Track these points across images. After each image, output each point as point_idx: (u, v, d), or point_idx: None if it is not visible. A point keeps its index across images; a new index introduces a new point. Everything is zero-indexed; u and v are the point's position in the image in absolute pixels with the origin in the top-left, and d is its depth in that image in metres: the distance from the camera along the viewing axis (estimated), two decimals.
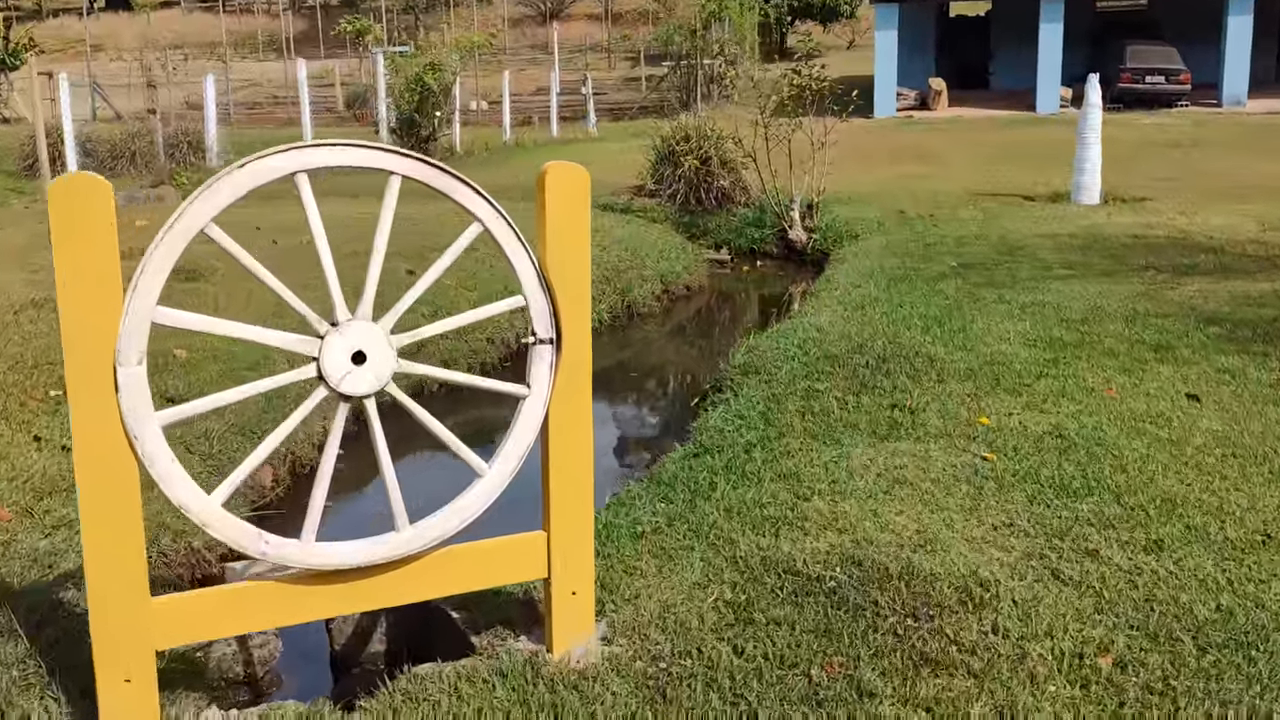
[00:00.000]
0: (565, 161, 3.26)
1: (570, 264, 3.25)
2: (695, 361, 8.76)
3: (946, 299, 8.08)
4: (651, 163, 14.96)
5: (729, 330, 9.75)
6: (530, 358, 3.21)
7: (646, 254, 11.14)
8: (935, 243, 10.91)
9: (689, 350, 9.23)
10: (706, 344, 9.34)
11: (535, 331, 3.20)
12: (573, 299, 3.25)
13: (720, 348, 9.02)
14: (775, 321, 8.92)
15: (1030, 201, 13.87)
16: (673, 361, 8.95)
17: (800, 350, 6.64)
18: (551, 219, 3.22)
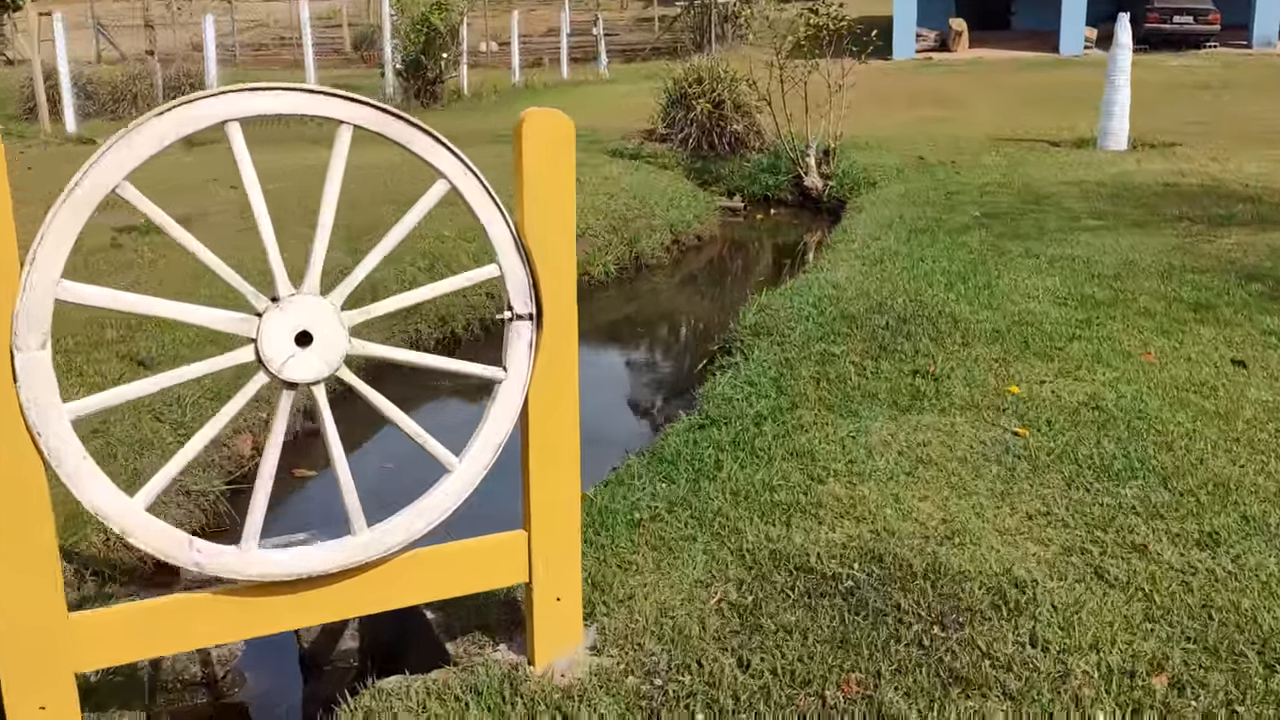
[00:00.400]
0: (546, 108, 2.81)
1: (553, 228, 2.82)
2: (704, 318, 8.32)
3: (970, 252, 7.60)
4: (663, 106, 14.42)
5: (740, 283, 9.30)
6: (507, 336, 2.79)
7: (656, 202, 10.66)
8: (957, 191, 10.40)
9: (698, 305, 8.79)
10: (716, 298, 8.89)
11: (512, 306, 2.77)
12: (555, 269, 2.82)
13: (731, 302, 8.57)
14: (789, 275, 8.47)
15: (1055, 147, 13.30)
16: (680, 317, 8.51)
17: (815, 309, 6.19)
18: (530, 176, 2.78)
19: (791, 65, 12.56)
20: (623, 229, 9.80)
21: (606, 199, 10.10)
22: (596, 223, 9.55)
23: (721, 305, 8.52)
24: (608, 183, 10.80)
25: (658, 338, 7.58)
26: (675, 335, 7.77)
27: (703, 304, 8.84)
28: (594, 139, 14.50)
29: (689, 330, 8.01)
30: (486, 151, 12.58)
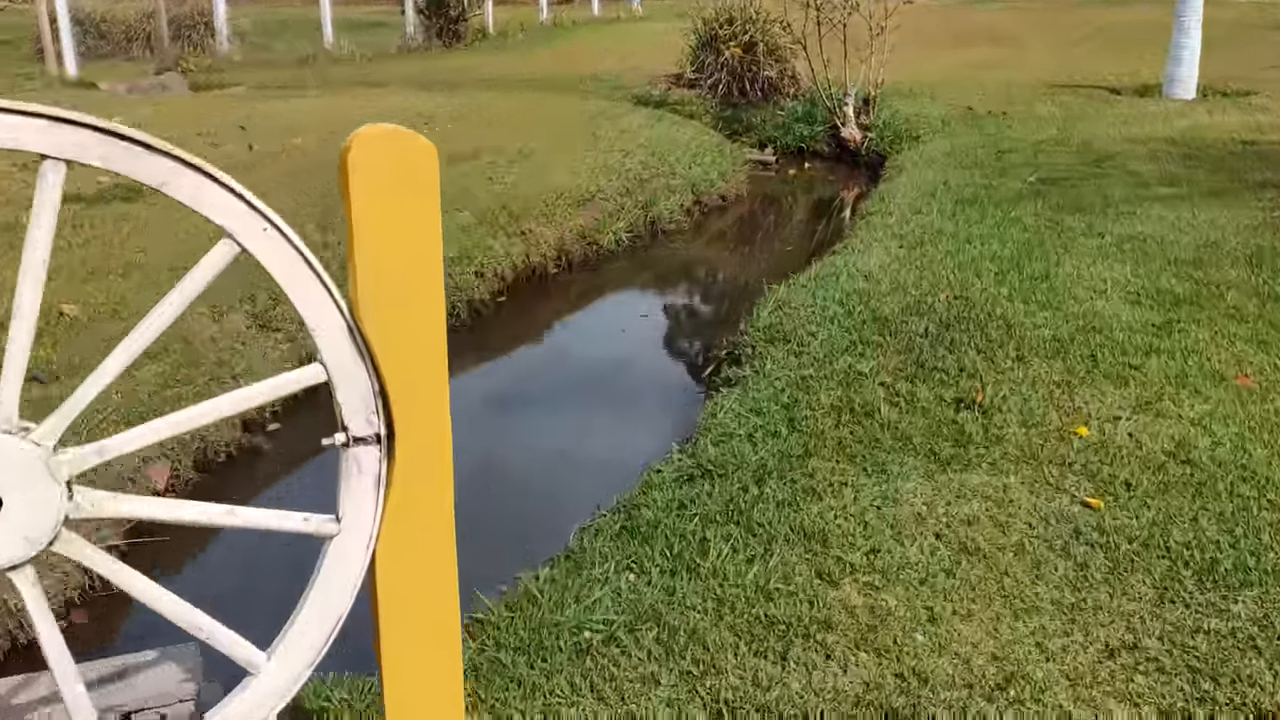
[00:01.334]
0: (390, 127, 1.81)
1: (410, 304, 1.83)
2: (719, 299, 7.29)
3: (1025, 230, 6.50)
4: (691, 49, 13.23)
5: (764, 254, 8.24)
6: (341, 468, 1.81)
7: (677, 158, 9.58)
8: (1009, 149, 9.22)
9: (714, 282, 7.75)
10: (735, 274, 7.86)
11: (347, 425, 1.79)
12: (415, 365, 1.83)
13: (751, 280, 7.54)
14: (817, 251, 7.42)
15: (1116, 96, 11.99)
16: (692, 299, 7.47)
17: (841, 309, 5.16)
18: (366, 228, 1.78)
19: (830, 5, 11.32)
20: (638, 190, 8.74)
21: (621, 156, 9.04)
22: (609, 184, 8.51)
23: (740, 283, 7.48)
24: (625, 137, 9.72)
25: (662, 326, 6.59)
26: (682, 324, 6.76)
27: (720, 281, 7.81)
28: (618, 84, 13.37)
29: (699, 319, 6.98)
30: (510, 102, 11.64)
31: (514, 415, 5.18)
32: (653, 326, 6.57)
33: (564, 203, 7.92)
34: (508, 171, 8.09)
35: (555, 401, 5.37)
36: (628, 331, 6.41)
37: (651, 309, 6.90)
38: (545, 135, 9.32)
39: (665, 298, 7.21)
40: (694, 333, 6.58)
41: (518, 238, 7.30)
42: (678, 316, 6.85)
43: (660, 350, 6.09)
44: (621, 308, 6.96)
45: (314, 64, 15.26)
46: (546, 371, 5.91)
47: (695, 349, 6.12)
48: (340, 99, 11.43)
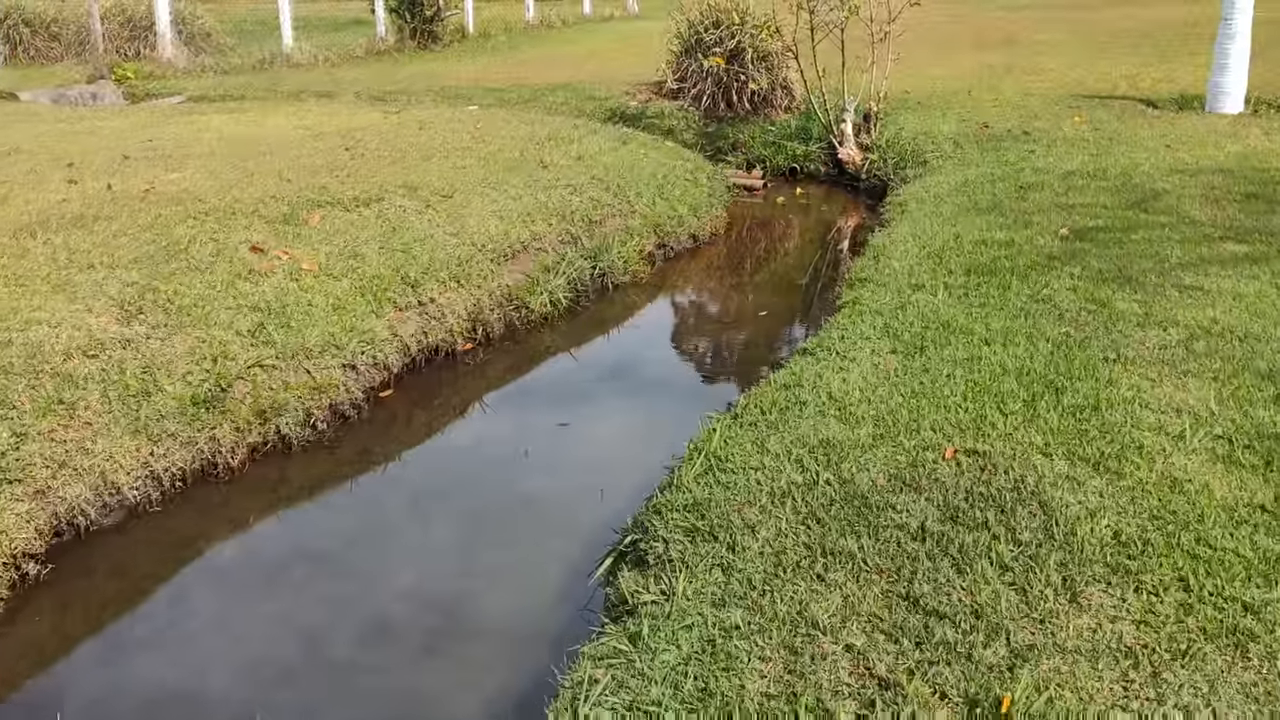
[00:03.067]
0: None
1: None
2: (652, 400, 5.45)
3: (1060, 319, 4.71)
4: (674, 54, 11.42)
5: (726, 322, 6.45)
6: None
7: (640, 191, 7.80)
8: (1033, 184, 7.39)
9: (653, 371, 5.90)
10: (686, 352, 6.08)
11: None
12: None
13: (702, 367, 5.77)
14: (791, 329, 5.68)
15: (1153, 109, 10.12)
16: (619, 403, 5.53)
17: (800, 477, 3.39)
18: None
19: (825, 6, 9.49)
20: (586, 235, 6.99)
21: (568, 193, 7.27)
22: (547, 230, 6.75)
23: (690, 372, 5.72)
24: (578, 165, 7.94)
25: (574, 449, 4.82)
26: (599, 446, 4.93)
27: (664, 364, 6.01)
28: (592, 94, 11.58)
29: (624, 436, 5.13)
30: (455, 120, 9.60)
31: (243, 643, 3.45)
32: (563, 448, 4.82)
33: (486, 257, 6.18)
34: (418, 219, 6.34)
35: (348, 613, 3.64)
36: (531, 457, 4.65)
37: (573, 410, 5.15)
38: (480, 166, 7.56)
39: (593, 391, 5.45)
40: (611, 465, 4.81)
41: (414, 310, 5.57)
42: (596, 432, 5.08)
43: (555, 501, 4.33)
44: (532, 409, 5.21)
45: (269, 69, 13.53)
46: (378, 538, 4.18)
47: (599, 514, 4.33)
48: (269, 115, 9.70)
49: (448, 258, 5.97)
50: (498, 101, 11.27)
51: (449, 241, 6.16)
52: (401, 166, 7.41)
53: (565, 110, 11.00)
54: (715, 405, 4.65)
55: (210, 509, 4.23)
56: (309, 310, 5.13)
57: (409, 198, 6.60)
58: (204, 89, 11.91)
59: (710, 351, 6.01)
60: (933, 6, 10.11)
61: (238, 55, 14.10)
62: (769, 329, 6.15)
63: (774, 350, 5.78)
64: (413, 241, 6.01)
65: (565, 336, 6.14)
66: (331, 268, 5.52)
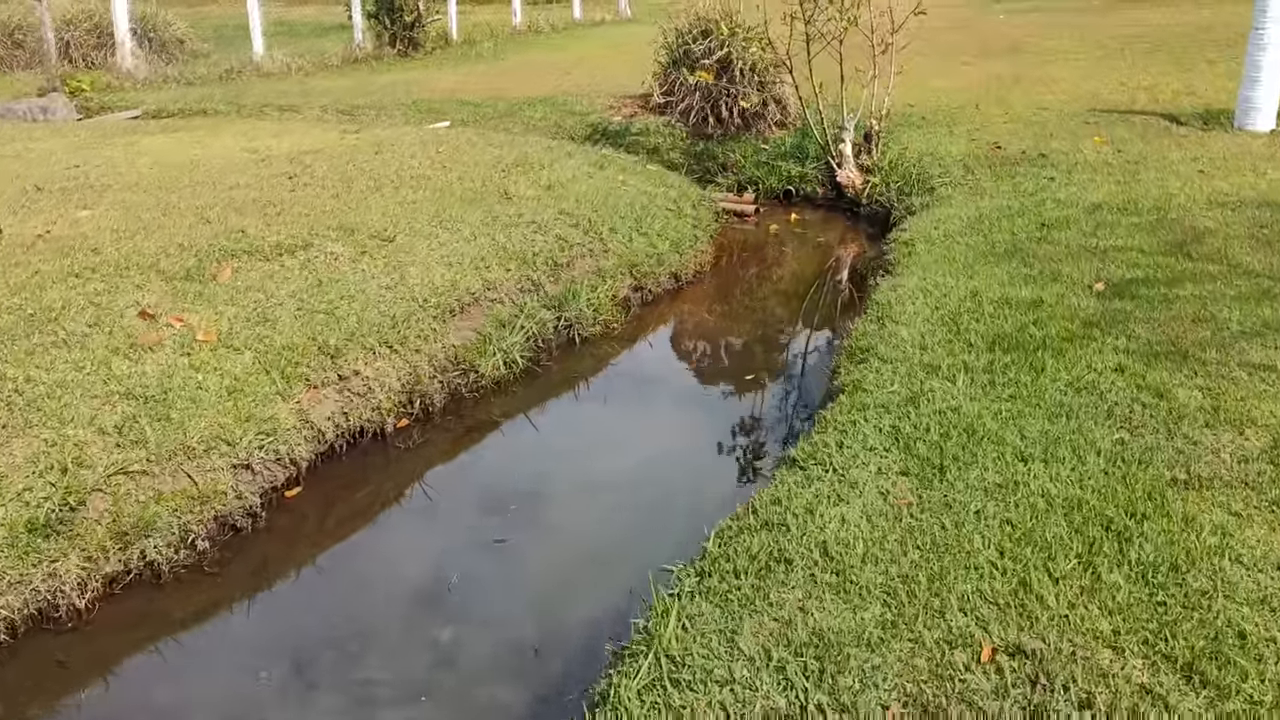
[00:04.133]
0: None
1: None
2: (601, 533, 4.45)
3: (1109, 416, 3.71)
4: (661, 66, 10.40)
5: (707, 395, 5.43)
6: None
7: (615, 226, 6.81)
8: (1056, 220, 6.38)
9: (612, 475, 4.86)
10: (651, 448, 5.07)
11: None
12: None
13: (676, 459, 4.76)
14: (777, 390, 4.71)
15: (1178, 126, 9.08)
16: (558, 530, 4.51)
17: (778, 697, 2.40)
18: None
19: (822, 16, 8.47)
20: (550, 280, 6.00)
21: (531, 231, 6.27)
22: (504, 277, 5.76)
23: (664, 453, 4.72)
24: (546, 196, 6.94)
25: (510, 576, 3.85)
26: (539, 580, 3.96)
27: (633, 448, 5.02)
28: (573, 109, 10.56)
29: (572, 569, 4.15)
30: (413, 143, 8.37)
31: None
32: (496, 577, 3.83)
33: (428, 314, 5.19)
34: (350, 269, 5.35)
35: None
36: (454, 591, 3.66)
37: (518, 515, 4.15)
38: (433, 199, 6.56)
39: (543, 486, 4.45)
40: (553, 606, 3.82)
41: (332, 387, 4.58)
42: (541, 552, 4.09)
43: (474, 669, 3.33)
44: (467, 512, 4.22)
45: (236, 79, 12.52)
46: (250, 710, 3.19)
47: (527, 691, 3.33)
48: (219, 134, 8.70)
49: (380, 317, 4.98)
50: (472, 116, 10.26)
51: (384, 297, 5.16)
52: (344, 200, 6.42)
53: (543, 127, 9.99)
54: (687, 516, 3.67)
55: (39, 671, 3.25)
56: (197, 395, 4.14)
57: (343, 242, 5.60)
58: (163, 102, 10.90)
59: (686, 429, 5.01)
60: (933, 12, 9.09)
61: (205, 65, 13.07)
62: (756, 401, 5.15)
63: (761, 431, 4.78)
64: (339, 299, 5.01)
65: (520, 405, 5.15)
66: (233, 337, 4.52)
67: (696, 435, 4.80)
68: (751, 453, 4.53)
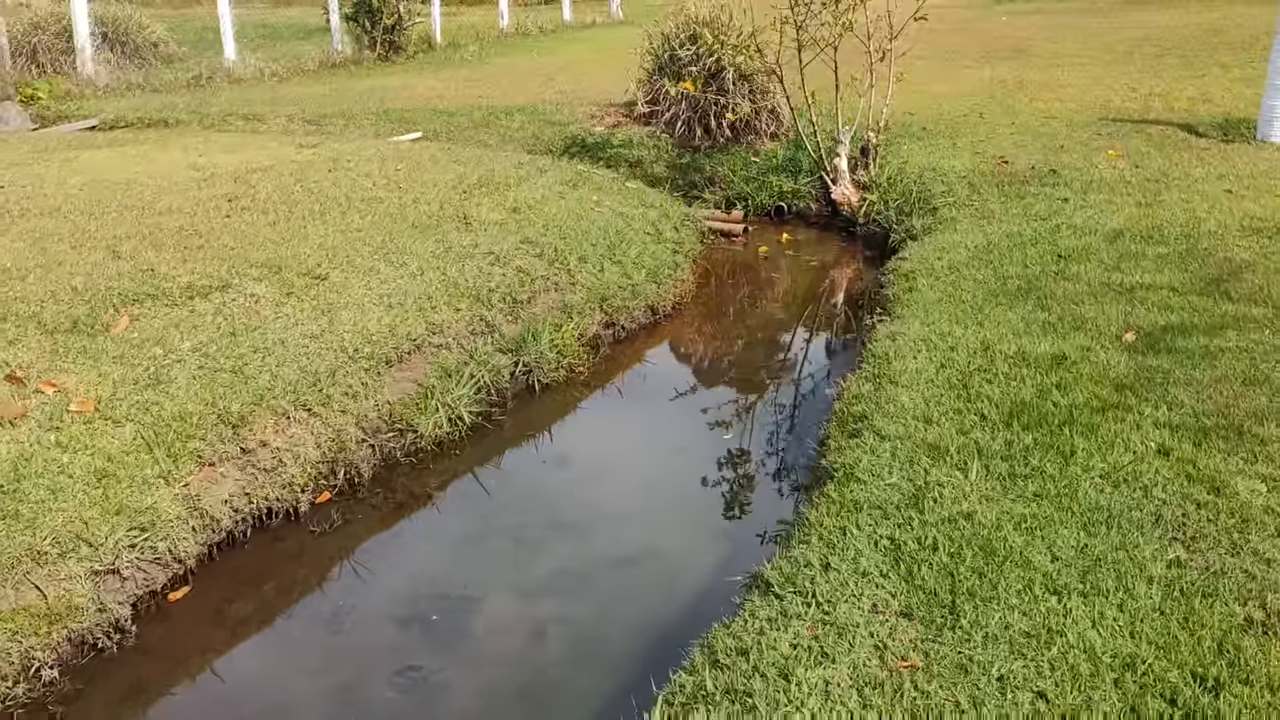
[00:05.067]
0: None
1: None
2: (539, 664, 3.70)
3: (1156, 522, 2.94)
4: (647, 73, 9.63)
5: (678, 457, 4.65)
6: None
7: (586, 252, 6.05)
8: (1073, 250, 5.61)
9: (559, 570, 4.10)
10: (608, 529, 4.31)
11: None
12: None
13: (634, 548, 3.98)
14: (765, 473, 3.96)
15: (1198, 137, 8.30)
16: (486, 660, 3.75)
17: None
18: None
19: (814, 20, 7.70)
20: (507, 320, 5.24)
21: (488, 264, 5.51)
22: (452, 318, 4.99)
23: (622, 538, 3.95)
24: (511, 221, 6.18)
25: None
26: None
27: (587, 530, 4.26)
28: (553, 118, 9.78)
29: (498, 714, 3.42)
30: (371, 159, 6.79)
31: None
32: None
33: (359, 366, 4.43)
34: (272, 313, 4.59)
35: None
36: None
37: (440, 626, 3.39)
38: (381, 226, 5.81)
39: (475, 585, 3.69)
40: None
41: (232, 462, 3.82)
42: (464, 682, 3.33)
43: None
44: (379, 625, 3.45)
45: (206, 85, 11.75)
46: None
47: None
48: (167, 149, 7.93)
49: (300, 374, 4.22)
50: (446, 126, 9.49)
51: (306, 348, 4.40)
52: (281, 228, 5.66)
53: (520, 138, 9.22)
54: (640, 641, 2.91)
55: None
56: (58, 483, 3.39)
57: (267, 282, 4.85)
58: (122, 111, 10.14)
59: (653, 506, 4.24)
60: (933, 14, 8.32)
61: (173, 70, 12.30)
62: (736, 471, 4.39)
63: (739, 512, 4.02)
64: (252, 352, 4.26)
65: (463, 470, 4.40)
66: (115, 405, 3.77)
67: (663, 514, 4.04)
68: (727, 542, 3.77)
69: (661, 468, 4.47)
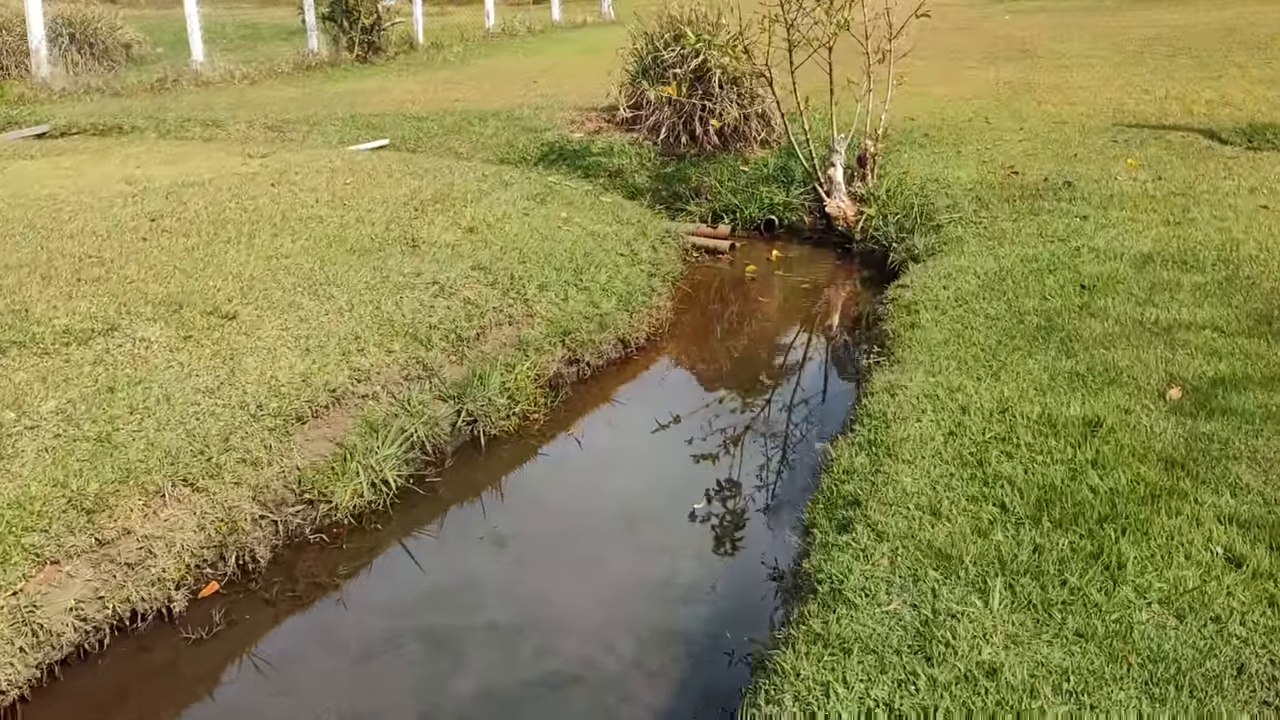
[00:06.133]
0: None
1: None
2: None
3: (1239, 683, 2.18)
4: (630, 75, 8.85)
5: (643, 525, 3.87)
6: None
7: (548, 278, 5.28)
8: (1098, 279, 4.83)
9: (494, 692, 3.40)
10: (558, 635, 3.56)
11: None
12: None
13: (588, 661, 3.21)
14: (743, 561, 3.19)
15: (1221, 145, 7.51)
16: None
17: None
18: None
19: (806, 19, 6.92)
20: (452, 360, 4.48)
21: (431, 295, 4.75)
22: (384, 362, 4.23)
23: (563, 637, 3.18)
24: (466, 242, 5.42)
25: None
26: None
27: (533, 634, 3.51)
28: (531, 125, 9.01)
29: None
30: (321, 172, 5.97)
31: None
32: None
33: (262, 425, 3.67)
34: (162, 361, 3.84)
35: None
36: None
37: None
38: (313, 251, 5.04)
39: (373, 712, 2.93)
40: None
41: (83, 559, 3.06)
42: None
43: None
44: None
45: (170, 89, 10.98)
46: None
47: None
48: (104, 160, 7.17)
49: (185, 439, 3.47)
50: (415, 133, 8.72)
51: (197, 406, 3.64)
52: (198, 255, 4.90)
53: (493, 145, 8.45)
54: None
55: None
56: None
57: (163, 322, 4.08)
58: (76, 117, 9.38)
59: (601, 597, 3.48)
60: (935, 12, 7.55)
61: (137, 73, 11.52)
62: (700, 561, 3.63)
63: (702, 617, 3.26)
64: (127, 413, 3.50)
65: (383, 549, 3.64)
66: None
67: (615, 616, 3.28)
68: (686, 664, 3.01)
69: (617, 548, 3.70)
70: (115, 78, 10.93)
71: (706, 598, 3.29)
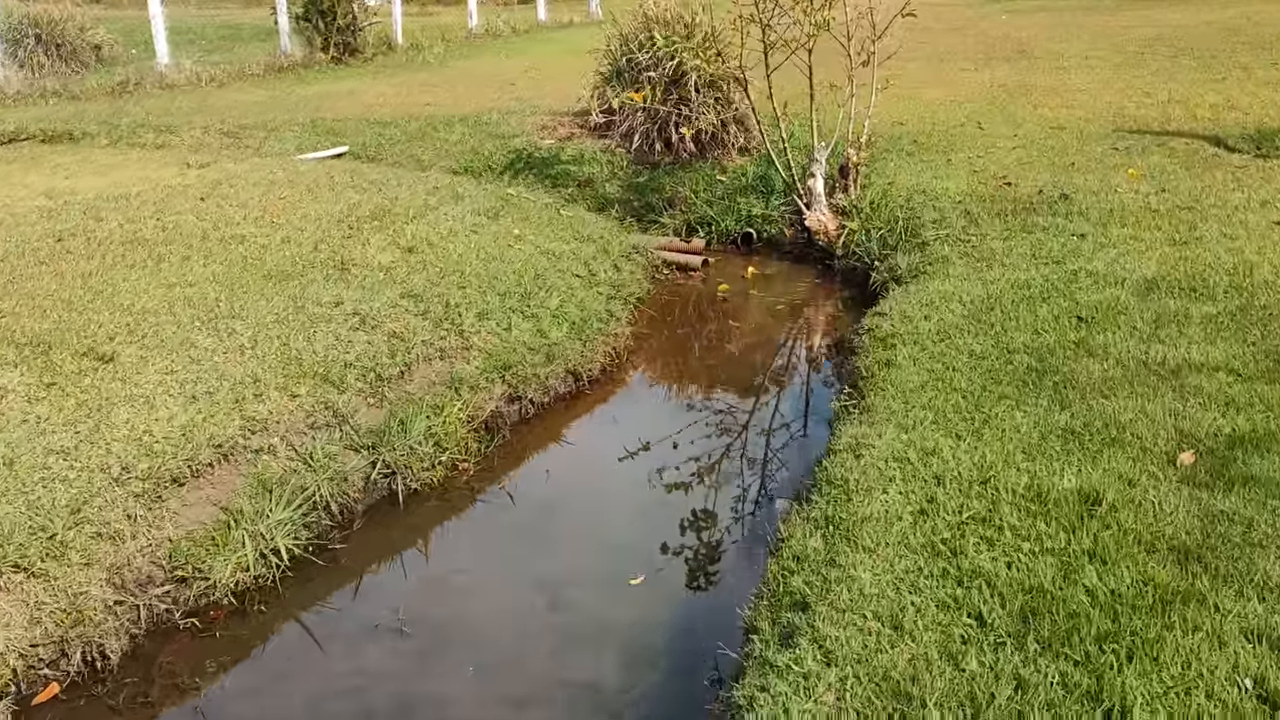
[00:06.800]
0: None
1: None
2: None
3: None
4: (602, 78, 8.28)
5: (580, 606, 3.31)
6: None
7: (489, 304, 4.72)
8: (1098, 311, 4.25)
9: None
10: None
11: None
12: None
13: None
14: (696, 640, 2.60)
15: (1229, 153, 6.92)
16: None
17: None
18: None
19: (784, 19, 6.34)
20: (368, 402, 3.91)
21: (350, 328, 4.18)
22: (286, 407, 3.67)
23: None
24: (402, 264, 4.85)
25: None
26: None
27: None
28: (498, 131, 8.44)
29: None
30: (258, 185, 5.45)
31: None
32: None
33: (126, 492, 3.11)
34: (20, 414, 3.28)
35: None
36: None
37: None
38: (225, 276, 4.48)
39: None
40: None
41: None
42: None
43: None
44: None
45: (133, 91, 10.42)
46: None
47: None
48: (30, 170, 6.62)
49: (24, 511, 2.91)
50: (376, 140, 8.16)
51: (47, 470, 3.08)
52: (93, 282, 4.34)
53: (456, 153, 7.88)
54: None
55: None
56: None
57: (26, 366, 3.52)
58: (26, 121, 8.82)
59: (512, 700, 2.92)
60: (927, 11, 6.98)
61: (98, 76, 10.98)
62: (626, 667, 3.07)
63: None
64: None
65: (265, 637, 3.08)
66: None
67: (556, 693, 2.71)
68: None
69: (537, 640, 3.13)
70: (75, 80, 10.38)
71: (629, 715, 2.72)
